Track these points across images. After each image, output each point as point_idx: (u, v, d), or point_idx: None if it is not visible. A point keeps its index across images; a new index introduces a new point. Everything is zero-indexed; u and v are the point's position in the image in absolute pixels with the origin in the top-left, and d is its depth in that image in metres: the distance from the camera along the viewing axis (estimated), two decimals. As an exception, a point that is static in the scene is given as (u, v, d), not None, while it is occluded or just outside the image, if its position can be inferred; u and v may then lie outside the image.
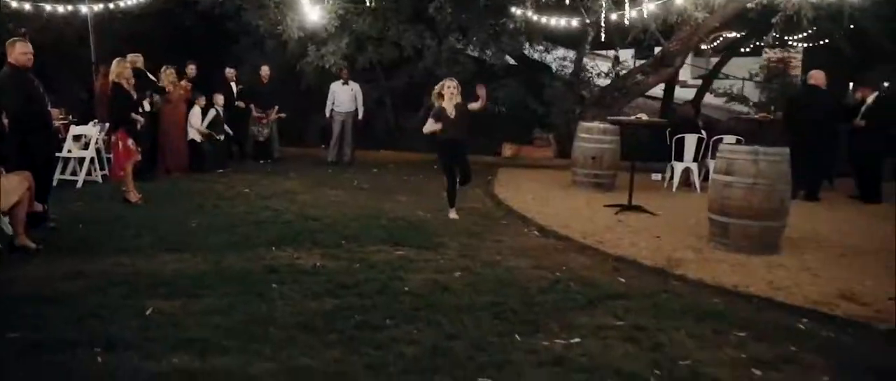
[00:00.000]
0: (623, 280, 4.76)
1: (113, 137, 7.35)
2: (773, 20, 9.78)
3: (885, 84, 17.25)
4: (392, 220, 6.60)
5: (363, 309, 3.89)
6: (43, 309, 3.72)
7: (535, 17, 9.86)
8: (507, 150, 11.86)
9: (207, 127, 9.69)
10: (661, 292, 4.45)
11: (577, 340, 3.53)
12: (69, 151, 8.38)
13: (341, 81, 11.05)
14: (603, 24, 10.01)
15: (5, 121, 5.81)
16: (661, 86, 14.38)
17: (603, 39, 15.38)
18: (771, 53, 22.26)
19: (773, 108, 13.88)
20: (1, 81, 5.68)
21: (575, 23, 9.97)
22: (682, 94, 16.81)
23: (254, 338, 3.40)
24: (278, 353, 3.22)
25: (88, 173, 8.32)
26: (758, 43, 17.34)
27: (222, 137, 10.05)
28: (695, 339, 3.60)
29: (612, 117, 8.67)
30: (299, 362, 3.13)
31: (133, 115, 7.36)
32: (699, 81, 17.47)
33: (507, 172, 10.53)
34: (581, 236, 6.18)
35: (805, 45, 21.72)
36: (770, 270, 5.11)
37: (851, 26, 11.44)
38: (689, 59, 22.23)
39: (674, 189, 9.00)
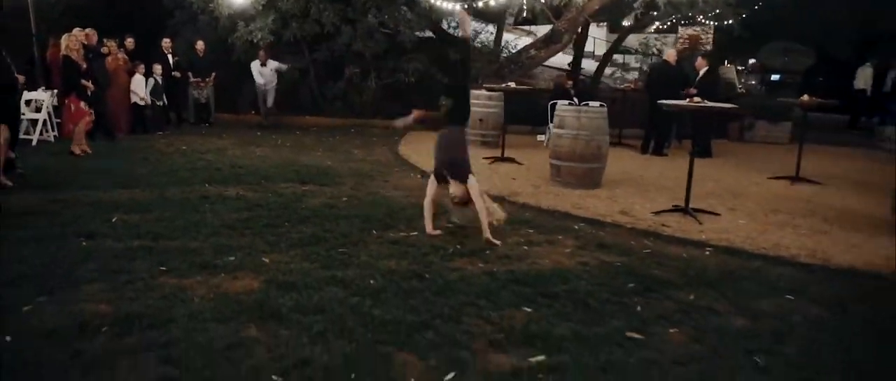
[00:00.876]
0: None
1: (65, 101, 8.63)
2: (635, 4, 11.69)
3: (752, 61, 19.70)
4: (304, 166, 8.18)
5: (270, 218, 5.50)
6: (34, 219, 5.18)
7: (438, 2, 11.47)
8: (417, 115, 13.47)
9: (150, 93, 10.97)
10: (516, 216, 6.17)
11: (415, 233, 5.23)
12: (23, 113, 9.57)
13: (259, 62, 12.55)
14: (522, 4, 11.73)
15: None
16: (569, 59, 16.34)
17: (524, 17, 17.05)
18: (684, 31, 24.54)
19: (636, 79, 15.97)
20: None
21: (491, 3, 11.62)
22: (589, 66, 18.84)
23: (191, 232, 4.97)
24: (208, 239, 4.81)
25: (41, 134, 9.54)
26: (676, 21, 19.40)
27: (162, 103, 11.34)
28: (500, 233, 5.34)
29: (488, 85, 10.37)
30: (221, 242, 4.73)
31: (83, 81, 8.66)
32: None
33: (414, 134, 12.15)
34: (454, 178, 7.89)
35: (714, 23, 24.16)
36: (582, 198, 6.93)
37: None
38: (603, 35, 24.32)
39: (546, 146, 10.83)
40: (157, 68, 11.40)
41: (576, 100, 11.18)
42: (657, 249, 5.09)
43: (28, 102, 9.68)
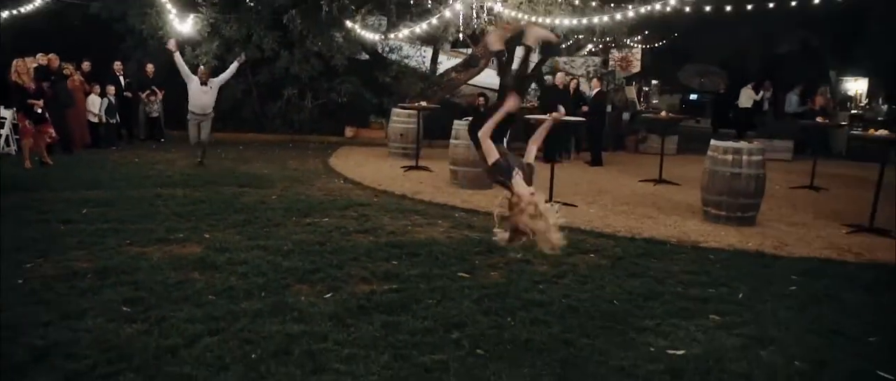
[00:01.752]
0: (376, 199, 8.02)
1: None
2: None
3: (654, 82, 21.81)
4: (243, 174, 9.57)
5: (211, 209, 6.91)
6: (17, 212, 6.47)
7: (361, 31, 13.05)
8: (349, 132, 14.97)
9: (104, 112, 12.17)
10: (395, 205, 7.71)
11: (327, 219, 6.71)
12: (-8, 128, 10.69)
13: (199, 81, 10.85)
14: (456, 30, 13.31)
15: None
16: (497, 79, 18.04)
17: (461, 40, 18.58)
18: (616, 54, 26.74)
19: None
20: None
21: (418, 29, 13.20)
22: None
23: (148, 219, 6.35)
24: (162, 223, 6.20)
25: (3, 147, 10.66)
26: (606, 44, 21.38)
27: (115, 121, 12.54)
28: (391, 218, 6.87)
29: (402, 104, 11.96)
30: (172, 225, 6.13)
31: (30, 101, 9.79)
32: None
33: (346, 149, 13.64)
34: (370, 182, 9.38)
35: (643, 46, 26.47)
36: (472, 196, 8.51)
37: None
38: (535, 59, 26.12)
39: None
40: (111, 89, 12.59)
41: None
42: (513, 228, 6.68)
43: (-7, 119, 10.81)
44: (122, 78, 13.28)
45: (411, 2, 13.84)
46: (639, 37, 24.15)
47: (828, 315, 4.32)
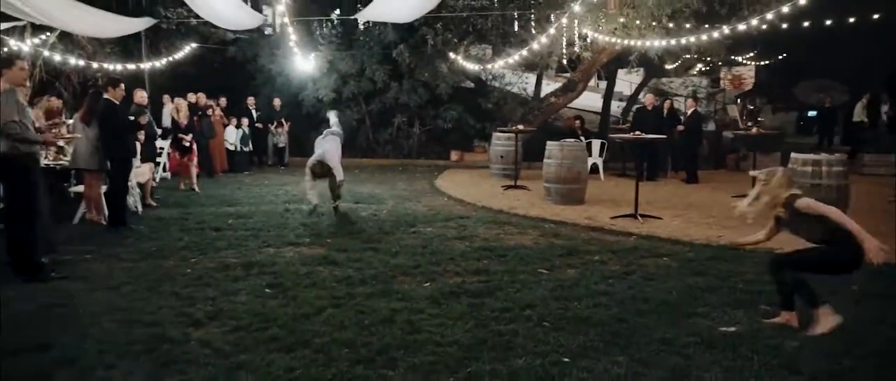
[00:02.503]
0: (474, 213, 8.89)
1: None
2: (631, 57, 14.01)
3: (759, 99, 21.43)
4: (358, 193, 10.76)
5: (330, 222, 8.06)
6: (177, 222, 7.88)
7: (464, 62, 14.10)
8: (454, 155, 16.04)
9: (239, 141, 13.89)
10: (491, 218, 8.55)
11: (430, 229, 7.66)
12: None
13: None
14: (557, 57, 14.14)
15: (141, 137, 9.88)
16: (598, 100, 18.74)
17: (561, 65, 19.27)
18: (728, 72, 26.48)
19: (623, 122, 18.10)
20: (108, 109, 9.63)
21: (517, 57, 14.14)
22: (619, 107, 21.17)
23: (280, 228, 7.55)
24: (292, 231, 7.37)
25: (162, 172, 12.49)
26: (718, 62, 21.40)
27: (248, 149, 14.25)
28: (486, 228, 7.71)
29: (501, 128, 12.80)
30: (300, 232, 7.28)
31: (180, 136, 11.45)
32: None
33: (451, 171, 14.67)
34: (471, 199, 10.29)
35: (755, 63, 26.17)
36: (563, 210, 9.20)
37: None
38: (637, 77, 26.31)
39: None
40: (244, 121, 14.33)
41: (582, 139, 13.52)
42: (596, 237, 7.34)
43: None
44: (253, 111, 15.04)
45: (514, 30, 14.74)
46: (751, 54, 23.84)
47: (876, 309, 4.70)
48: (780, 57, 24.12)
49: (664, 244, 6.92)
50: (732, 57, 20.98)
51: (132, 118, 7.85)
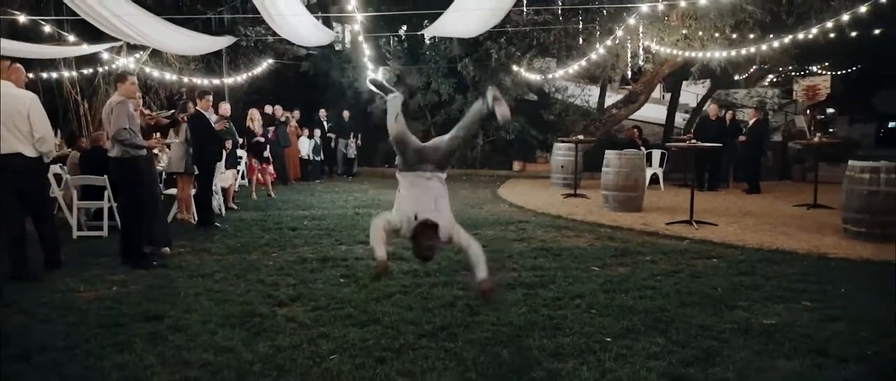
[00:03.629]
0: (534, 218, 9.30)
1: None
2: (693, 69, 14.12)
3: (830, 110, 21.01)
4: (422, 199, 11.31)
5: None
6: (257, 223, 8.60)
7: (527, 74, 14.54)
8: (516, 166, 16.46)
9: (311, 151, 14.74)
10: (550, 222, 8.94)
11: (490, 232, 8.12)
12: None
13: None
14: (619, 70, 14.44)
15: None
16: (663, 112, 18.83)
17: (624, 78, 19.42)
18: (802, 82, 25.95)
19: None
20: (198, 119, 10.55)
21: (576, 68, 14.49)
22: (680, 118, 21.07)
23: (351, 229, 8.16)
24: (362, 231, 7.96)
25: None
26: (791, 73, 21.10)
27: (320, 158, 15.07)
28: (544, 231, 8.11)
29: (562, 139, 13.15)
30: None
31: (256, 141, 12.29)
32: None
33: (513, 181, 15.11)
34: (531, 206, 10.69)
35: (831, 73, 25.58)
36: (620, 216, 9.49)
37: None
38: (703, 89, 26.01)
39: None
40: (316, 132, 15.17)
41: (643, 149, 13.71)
42: (649, 241, 7.64)
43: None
44: (325, 123, 15.88)
45: (577, 43, 15.08)
46: (826, 63, 23.28)
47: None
48: (856, 67, 23.48)
49: (716, 248, 7.15)
50: (806, 67, 20.61)
51: (216, 127, 8.60)
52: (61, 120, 15.20)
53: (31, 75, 14.73)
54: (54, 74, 14.15)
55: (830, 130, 20.42)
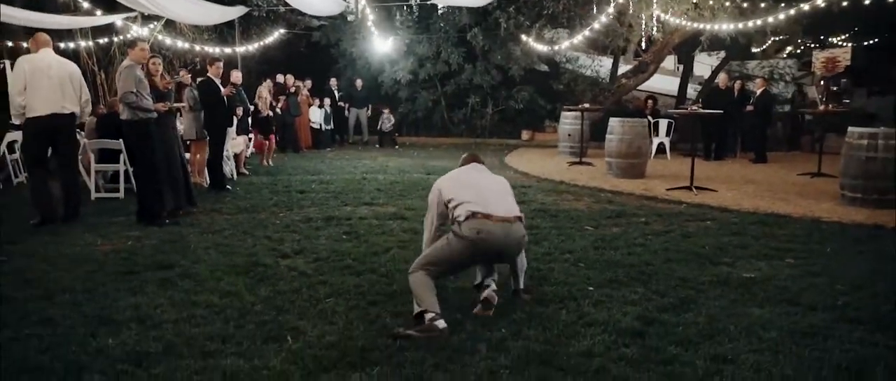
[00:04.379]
0: (537, 183, 9.50)
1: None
2: (701, 38, 14.10)
3: (844, 80, 20.85)
4: (430, 166, 11.56)
5: (403, 188, 8.85)
6: (268, 187, 8.88)
7: (535, 44, 14.62)
8: (525, 135, 16.62)
9: (322, 120, 14.97)
10: (552, 187, 9.13)
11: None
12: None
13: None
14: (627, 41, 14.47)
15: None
16: (676, 83, 18.84)
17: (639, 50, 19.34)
18: (820, 54, 25.65)
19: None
20: (208, 84, 10.80)
21: (580, 39, 14.54)
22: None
23: (358, 192, 8.42)
24: (368, 194, 8.20)
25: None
26: (809, 44, 20.85)
27: (330, 127, 15.31)
28: (545, 195, 8.31)
29: (568, 107, 13.27)
30: (375, 196, 8.11)
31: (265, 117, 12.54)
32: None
33: (521, 149, 15.27)
34: (536, 173, 10.87)
35: (852, 44, 25.27)
36: (622, 182, 9.65)
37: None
38: (716, 60, 25.77)
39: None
40: (327, 101, 15.38)
41: (650, 118, 13.81)
42: (647, 205, 7.82)
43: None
44: (336, 92, 16.09)
45: (587, 13, 15.07)
46: (846, 35, 22.98)
47: (878, 262, 5.04)
48: (877, 39, 23.14)
49: (711, 211, 7.32)
50: (826, 38, 20.38)
51: (225, 93, 8.83)
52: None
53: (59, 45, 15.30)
54: (72, 44, 14.46)
55: (845, 101, 20.23)
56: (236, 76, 11.03)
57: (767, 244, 5.66)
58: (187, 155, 9.07)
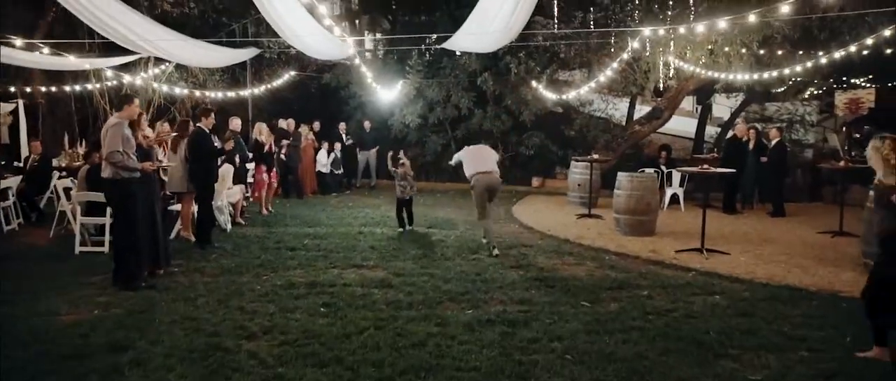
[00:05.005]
0: (540, 242, 9.09)
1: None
2: (716, 86, 13.70)
3: (866, 127, 20.27)
4: (433, 217, 11.21)
5: (398, 245, 8.49)
6: (260, 240, 8.57)
7: (545, 91, 14.32)
8: (535, 182, 16.22)
9: (331, 165, 14.72)
10: (555, 247, 8.70)
11: (490, 257, 7.93)
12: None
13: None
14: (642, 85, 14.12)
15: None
16: (693, 125, 18.39)
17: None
18: (843, 96, 25.03)
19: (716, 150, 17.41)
20: (200, 137, 10.59)
21: (593, 85, 14.20)
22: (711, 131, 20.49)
23: (350, 250, 8.07)
24: (360, 253, 7.86)
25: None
26: (832, 85, 20.29)
27: (340, 172, 15.05)
28: (546, 258, 7.90)
29: (577, 158, 12.88)
30: (366, 255, 7.75)
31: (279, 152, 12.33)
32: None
33: (531, 197, 14.85)
34: (541, 227, 10.45)
35: (876, 85, 24.63)
36: (629, 241, 9.20)
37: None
38: (736, 101, 25.09)
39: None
40: (337, 146, 15.15)
41: (663, 168, 13.38)
42: (653, 271, 7.36)
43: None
44: (344, 136, 15.87)
45: (598, 58, 14.76)
46: (869, 76, 22.37)
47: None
48: (899, 82, 22.53)
49: (721, 282, 6.85)
50: (848, 79, 19.82)
51: (218, 145, 8.59)
52: (91, 128, 15.57)
53: (66, 88, 15.34)
54: (88, 86, 14.55)
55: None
56: (235, 124, 10.87)
57: (780, 329, 5.19)
58: (177, 207, 8.84)
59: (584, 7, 14.19)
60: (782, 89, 19.50)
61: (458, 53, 15.93)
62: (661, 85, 14.93)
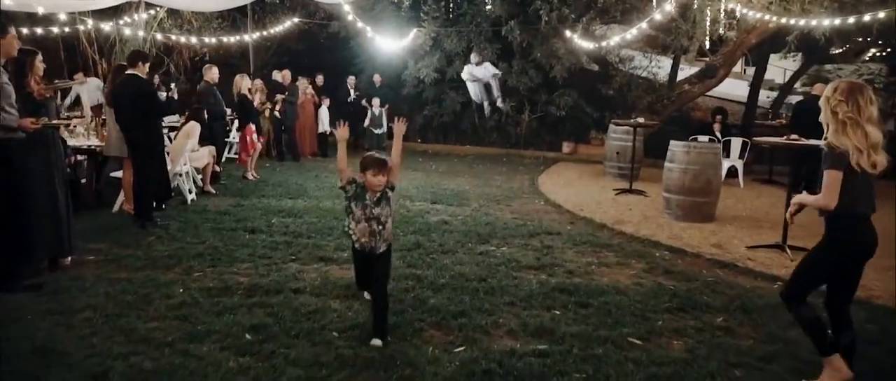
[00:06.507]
0: (569, 227, 7.20)
1: (241, 133, 10.52)
2: (788, 38, 11.41)
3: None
4: (443, 189, 9.41)
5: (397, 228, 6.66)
6: (220, 217, 6.84)
7: (582, 41, 12.20)
8: (566, 147, 14.22)
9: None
10: (588, 236, 6.81)
11: (504, 249, 6.09)
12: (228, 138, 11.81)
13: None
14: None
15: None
16: (745, 88, 16.07)
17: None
18: None
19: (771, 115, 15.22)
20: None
21: (632, 33, 12.05)
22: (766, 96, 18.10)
23: (324, 234, 6.29)
24: (335, 240, 6.07)
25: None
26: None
27: (381, 130, 13.14)
28: (577, 252, 6.04)
29: (617, 121, 10.85)
30: (344, 242, 5.96)
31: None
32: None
33: (560, 165, 12.91)
34: (572, 206, 8.57)
35: None
36: (684, 230, 7.28)
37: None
38: (793, 63, 22.59)
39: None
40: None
41: (719, 135, 11.29)
42: (723, 278, 5.45)
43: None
44: (352, 91, 14.02)
45: (642, 5, 12.59)
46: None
47: None
48: None
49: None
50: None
51: (165, 97, 6.83)
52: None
53: (54, 29, 13.67)
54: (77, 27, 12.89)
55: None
56: (212, 75, 9.14)
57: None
58: (119, 173, 7.15)
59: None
60: (841, 50, 17.06)
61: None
62: (717, 38, 12.75)
